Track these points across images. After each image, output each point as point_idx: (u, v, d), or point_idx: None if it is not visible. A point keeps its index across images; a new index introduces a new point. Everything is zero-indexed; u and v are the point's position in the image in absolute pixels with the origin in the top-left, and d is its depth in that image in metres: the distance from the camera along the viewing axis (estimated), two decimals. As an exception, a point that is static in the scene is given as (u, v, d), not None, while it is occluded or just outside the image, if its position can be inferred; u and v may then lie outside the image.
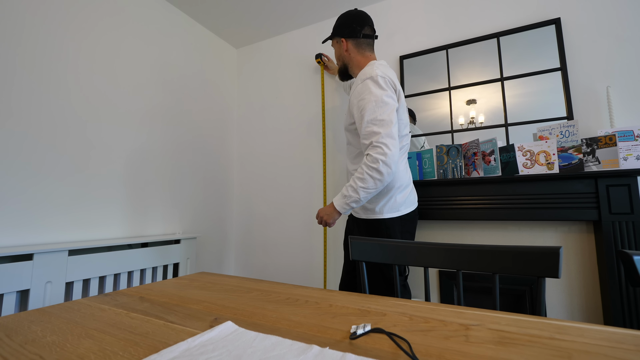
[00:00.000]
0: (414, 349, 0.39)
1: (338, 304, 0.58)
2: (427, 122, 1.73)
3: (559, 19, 1.47)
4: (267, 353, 0.37)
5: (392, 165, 1.05)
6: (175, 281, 0.79)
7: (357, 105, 1.13)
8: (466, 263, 0.71)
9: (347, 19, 1.25)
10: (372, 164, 1.04)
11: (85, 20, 1.48)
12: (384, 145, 1.04)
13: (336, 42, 1.28)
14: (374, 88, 1.10)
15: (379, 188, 1.07)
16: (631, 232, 1.18)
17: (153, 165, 1.76)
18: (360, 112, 1.12)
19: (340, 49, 1.27)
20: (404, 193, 1.19)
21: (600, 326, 0.45)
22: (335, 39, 1.29)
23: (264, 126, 2.29)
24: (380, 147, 1.05)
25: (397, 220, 1.15)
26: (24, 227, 1.23)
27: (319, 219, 1.19)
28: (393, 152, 1.04)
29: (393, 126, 1.07)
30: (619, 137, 1.22)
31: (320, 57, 1.96)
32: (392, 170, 1.05)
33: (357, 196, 1.07)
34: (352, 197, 1.08)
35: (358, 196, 1.07)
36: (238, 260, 2.28)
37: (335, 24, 1.27)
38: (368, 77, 1.12)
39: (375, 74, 1.11)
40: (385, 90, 1.10)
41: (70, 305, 0.59)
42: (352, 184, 1.08)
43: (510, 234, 1.48)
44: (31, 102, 1.27)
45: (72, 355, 0.38)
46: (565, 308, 1.36)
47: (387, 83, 1.12)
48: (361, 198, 1.08)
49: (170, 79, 1.90)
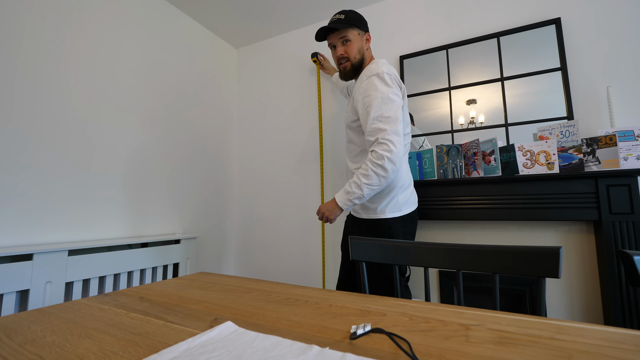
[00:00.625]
0: (414, 349, 0.39)
1: (338, 304, 0.58)
2: (427, 122, 1.73)
3: (559, 19, 1.47)
4: (267, 353, 0.37)
5: (397, 163, 1.04)
6: (175, 281, 0.79)
7: (363, 101, 1.12)
8: (466, 263, 0.70)
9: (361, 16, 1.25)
10: (378, 161, 1.04)
11: (85, 20, 1.48)
12: (390, 142, 1.04)
13: (358, 35, 1.22)
14: (380, 85, 1.09)
15: (382, 185, 1.07)
16: (631, 232, 1.18)
17: (153, 165, 1.76)
18: (365, 108, 1.11)
19: (363, 43, 1.23)
20: (406, 193, 1.19)
21: (600, 326, 0.44)
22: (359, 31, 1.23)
23: (264, 126, 2.29)
24: (386, 143, 1.04)
25: (398, 220, 1.15)
26: (24, 227, 1.23)
27: (320, 214, 1.19)
28: (399, 149, 1.04)
29: (399, 123, 1.07)
30: (619, 137, 1.22)
31: (316, 56, 1.94)
32: (396, 167, 1.05)
33: (360, 192, 1.07)
34: (355, 194, 1.08)
35: (362, 192, 1.07)
36: (238, 260, 2.28)
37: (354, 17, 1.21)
38: (374, 73, 1.12)
39: (382, 71, 1.11)
40: (392, 87, 1.10)
41: (70, 305, 0.59)
42: (356, 180, 1.08)
43: (511, 234, 1.48)
44: (32, 103, 1.27)
45: (72, 355, 0.38)
46: (566, 308, 1.36)
47: (393, 80, 1.12)
48: (365, 194, 1.07)
49: (170, 79, 1.90)
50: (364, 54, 1.24)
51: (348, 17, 1.20)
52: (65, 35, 1.40)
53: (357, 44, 1.22)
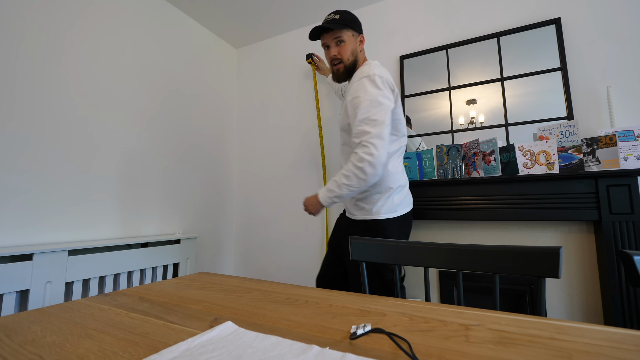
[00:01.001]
0: (414, 349, 0.39)
1: (338, 304, 0.58)
2: (427, 122, 1.73)
3: (559, 19, 1.47)
4: (267, 353, 0.37)
5: (377, 167, 1.03)
6: (175, 281, 0.79)
7: (352, 102, 1.12)
8: (466, 263, 0.70)
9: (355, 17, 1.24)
10: (359, 163, 1.04)
11: (85, 20, 1.48)
12: (372, 146, 1.03)
13: (352, 36, 1.21)
14: (369, 87, 1.09)
15: (362, 188, 1.07)
16: (631, 232, 1.18)
17: (153, 165, 1.76)
18: (354, 109, 1.10)
19: (356, 44, 1.23)
20: (401, 194, 1.18)
21: (600, 326, 0.44)
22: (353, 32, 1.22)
23: (264, 126, 2.29)
24: (368, 146, 1.03)
25: (394, 221, 1.15)
26: (24, 227, 1.23)
27: (304, 207, 1.21)
28: (380, 154, 1.03)
29: (385, 127, 1.06)
30: (619, 137, 1.22)
31: (311, 57, 1.93)
32: (377, 172, 1.04)
33: (339, 192, 1.08)
34: (334, 192, 1.09)
35: (341, 192, 1.08)
36: (238, 260, 2.28)
37: (349, 18, 1.20)
38: (365, 75, 1.11)
39: (373, 73, 1.10)
40: (382, 90, 1.09)
41: (70, 305, 0.59)
42: (337, 179, 1.08)
43: (511, 234, 1.48)
44: (32, 103, 1.27)
45: (72, 355, 0.38)
46: (566, 308, 1.36)
47: (384, 83, 1.11)
48: (343, 195, 1.08)
49: (170, 79, 1.90)
50: (357, 56, 1.23)
51: (343, 17, 1.19)
52: (65, 35, 1.40)
53: (350, 45, 1.20)
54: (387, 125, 1.06)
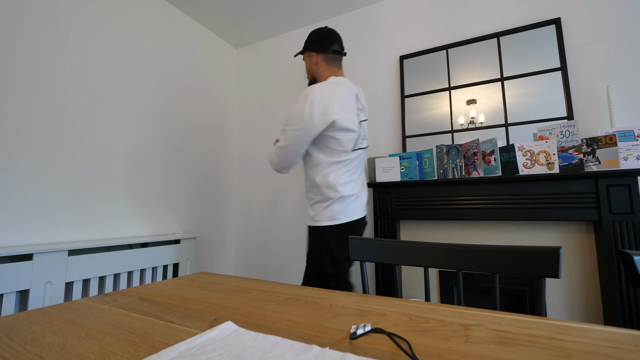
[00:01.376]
0: (414, 349, 0.39)
1: (338, 304, 0.58)
2: (427, 122, 1.73)
3: (559, 18, 1.47)
4: (267, 353, 0.37)
5: (273, 168, 1.25)
6: (175, 281, 0.79)
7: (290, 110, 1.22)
8: (466, 263, 0.70)
9: (318, 35, 1.28)
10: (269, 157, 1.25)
11: (85, 20, 1.48)
12: (273, 154, 1.21)
13: (307, 56, 1.30)
14: (301, 107, 1.11)
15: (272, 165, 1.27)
16: (631, 232, 1.18)
17: (153, 165, 1.76)
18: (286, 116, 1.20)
19: (311, 62, 1.28)
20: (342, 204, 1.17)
21: (600, 326, 0.44)
22: (306, 53, 1.30)
23: (264, 126, 2.29)
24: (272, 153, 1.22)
25: (333, 228, 1.15)
26: (24, 227, 1.23)
27: None
28: (274, 164, 1.22)
29: (289, 146, 1.15)
30: (619, 137, 1.22)
31: None
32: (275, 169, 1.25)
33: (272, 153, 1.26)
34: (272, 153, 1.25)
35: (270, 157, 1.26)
36: (238, 260, 2.28)
37: (306, 40, 1.30)
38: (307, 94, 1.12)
39: (313, 96, 1.10)
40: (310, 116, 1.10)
41: (70, 305, 0.59)
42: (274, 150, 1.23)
43: (511, 234, 1.48)
44: (32, 103, 1.27)
45: (72, 355, 0.38)
46: (566, 308, 1.36)
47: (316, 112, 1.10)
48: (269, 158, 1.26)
49: (170, 79, 1.90)
50: (315, 73, 1.28)
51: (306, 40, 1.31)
52: (65, 35, 1.40)
53: (307, 65, 1.32)
54: (291, 146, 1.16)
